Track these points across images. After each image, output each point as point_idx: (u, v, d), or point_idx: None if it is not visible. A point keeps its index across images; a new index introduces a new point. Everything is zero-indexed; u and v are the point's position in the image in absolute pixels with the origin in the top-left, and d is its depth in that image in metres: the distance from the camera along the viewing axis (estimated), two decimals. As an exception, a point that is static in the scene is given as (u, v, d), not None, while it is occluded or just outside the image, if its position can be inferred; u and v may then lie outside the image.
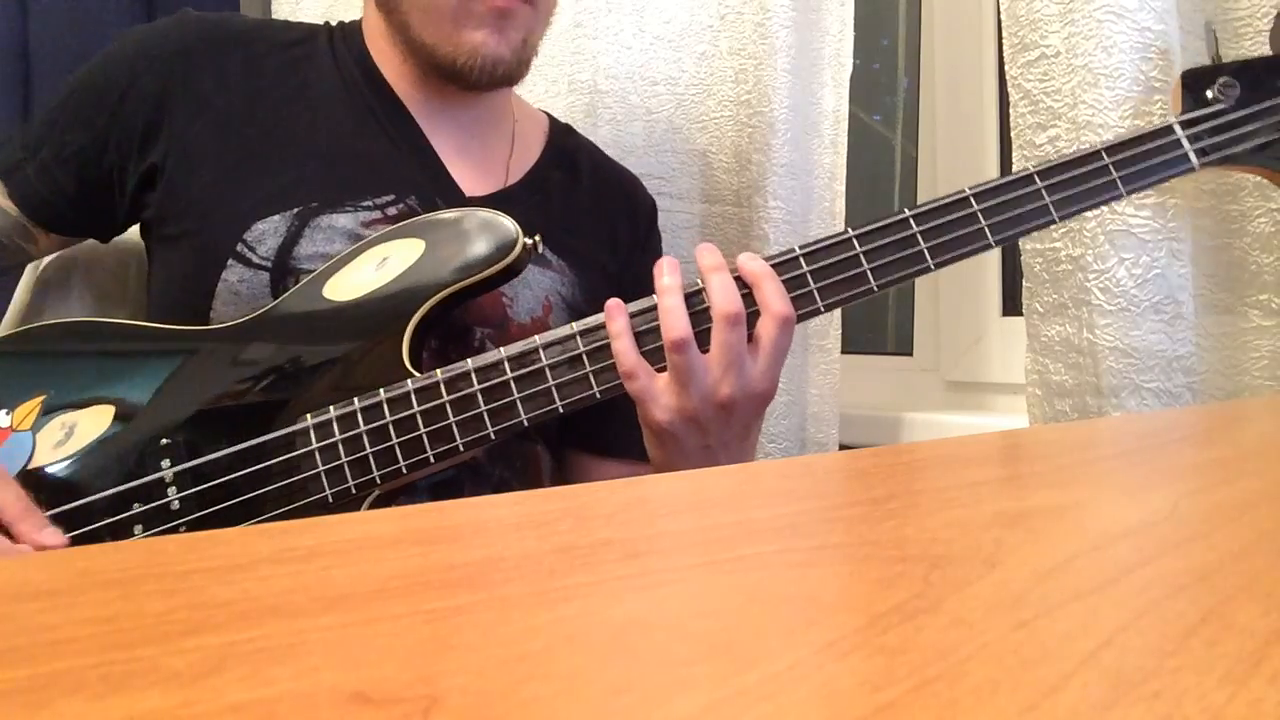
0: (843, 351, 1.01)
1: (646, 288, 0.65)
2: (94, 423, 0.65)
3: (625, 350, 0.62)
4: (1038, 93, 0.79)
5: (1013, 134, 0.82)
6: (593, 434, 0.83)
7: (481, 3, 0.71)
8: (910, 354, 1.22)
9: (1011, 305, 1.11)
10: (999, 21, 0.83)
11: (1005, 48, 0.82)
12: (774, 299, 0.62)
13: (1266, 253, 0.74)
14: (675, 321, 0.61)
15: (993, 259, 1.12)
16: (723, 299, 0.61)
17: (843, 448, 1.03)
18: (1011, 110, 0.82)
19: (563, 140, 0.87)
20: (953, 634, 0.17)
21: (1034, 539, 0.24)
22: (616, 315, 0.63)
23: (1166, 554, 0.23)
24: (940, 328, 1.17)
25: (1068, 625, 0.18)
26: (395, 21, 0.75)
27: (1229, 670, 0.15)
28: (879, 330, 1.39)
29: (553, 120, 0.90)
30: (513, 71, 0.75)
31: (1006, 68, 0.82)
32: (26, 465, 0.64)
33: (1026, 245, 0.82)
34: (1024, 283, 0.82)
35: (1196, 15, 0.77)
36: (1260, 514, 0.27)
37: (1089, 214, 0.75)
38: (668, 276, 0.63)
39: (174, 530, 0.64)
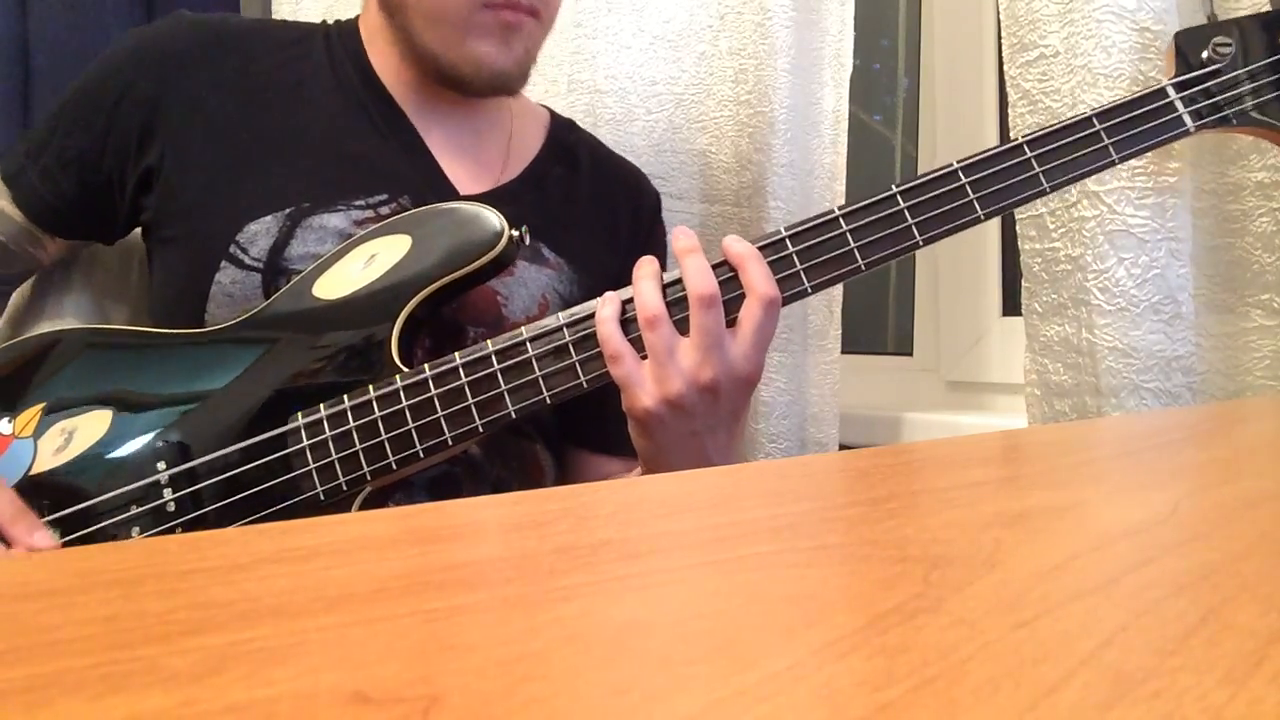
0: (843, 351, 1.01)
1: None
2: (92, 428, 0.66)
3: (611, 334, 0.62)
4: (1037, 93, 0.79)
5: (1012, 134, 0.82)
6: (592, 431, 0.83)
7: (490, 15, 0.71)
8: (910, 354, 1.22)
9: (1011, 305, 1.11)
10: (999, 21, 0.83)
11: (1005, 48, 0.82)
12: (759, 280, 0.62)
13: (1269, 252, 0.74)
14: (647, 300, 0.62)
15: (992, 259, 1.12)
16: (697, 280, 0.61)
17: (843, 448, 1.03)
18: (1011, 110, 0.82)
19: (563, 136, 0.87)
20: (953, 634, 0.17)
21: (1034, 539, 0.24)
22: (607, 301, 0.64)
23: (1166, 554, 0.23)
24: (940, 328, 1.17)
25: (1068, 625, 0.18)
26: (398, 25, 0.75)
27: (1229, 670, 0.15)
28: (879, 330, 1.39)
29: (554, 116, 0.89)
30: (514, 83, 0.75)
31: (1006, 68, 0.82)
32: (28, 472, 0.65)
33: (1025, 245, 0.82)
34: (1023, 283, 0.82)
35: (1196, 16, 0.77)
36: (1260, 514, 0.27)
37: (1088, 214, 0.75)
38: (645, 265, 0.64)
39: (170, 531, 0.64)
